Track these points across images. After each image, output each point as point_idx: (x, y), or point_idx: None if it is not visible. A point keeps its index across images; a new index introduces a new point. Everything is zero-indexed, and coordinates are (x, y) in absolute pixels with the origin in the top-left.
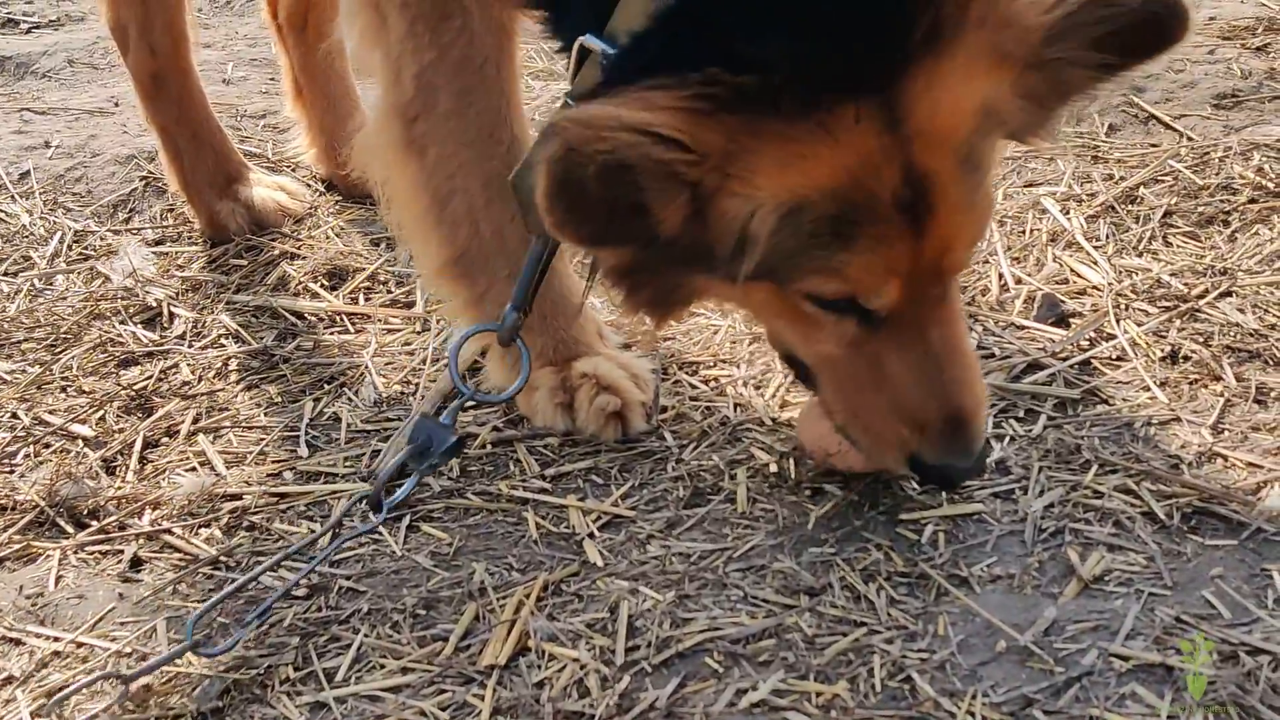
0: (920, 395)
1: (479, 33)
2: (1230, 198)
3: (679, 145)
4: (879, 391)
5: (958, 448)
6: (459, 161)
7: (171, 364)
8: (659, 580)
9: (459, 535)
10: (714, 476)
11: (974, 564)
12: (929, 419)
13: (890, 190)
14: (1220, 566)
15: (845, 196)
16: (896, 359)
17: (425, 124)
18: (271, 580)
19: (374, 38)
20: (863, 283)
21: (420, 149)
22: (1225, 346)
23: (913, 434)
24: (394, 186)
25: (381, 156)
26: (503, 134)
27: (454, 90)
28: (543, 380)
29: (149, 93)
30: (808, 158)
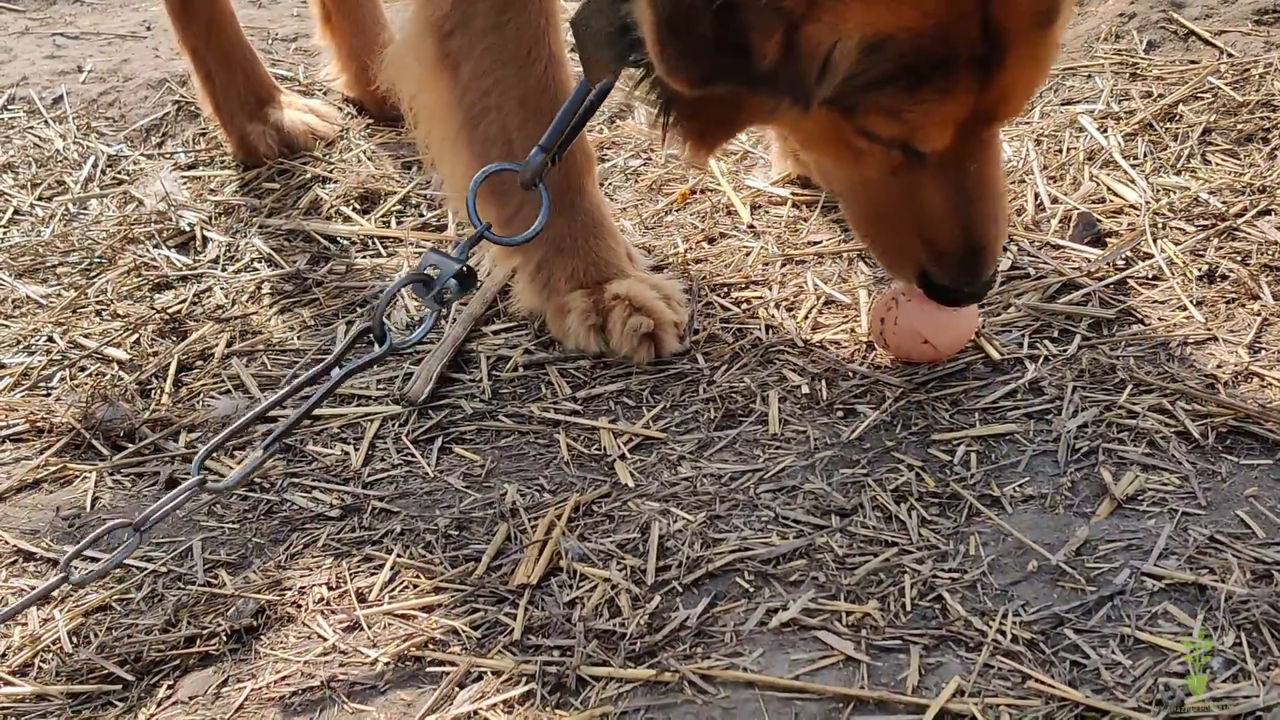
0: (946, 225)
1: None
2: (1270, 115)
3: None
4: (908, 215)
5: (970, 274)
6: (494, 79)
7: (205, 288)
8: (690, 501)
9: (491, 457)
10: (745, 398)
11: (1006, 484)
12: (949, 247)
13: (967, 46)
14: (1255, 486)
15: (924, 45)
16: (932, 189)
17: (461, 39)
18: (304, 500)
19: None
20: (920, 131)
21: (454, 65)
22: (1263, 265)
23: (931, 256)
24: (424, 104)
25: (413, 72)
26: (540, 51)
27: (492, 5)
28: (575, 303)
29: (179, 14)
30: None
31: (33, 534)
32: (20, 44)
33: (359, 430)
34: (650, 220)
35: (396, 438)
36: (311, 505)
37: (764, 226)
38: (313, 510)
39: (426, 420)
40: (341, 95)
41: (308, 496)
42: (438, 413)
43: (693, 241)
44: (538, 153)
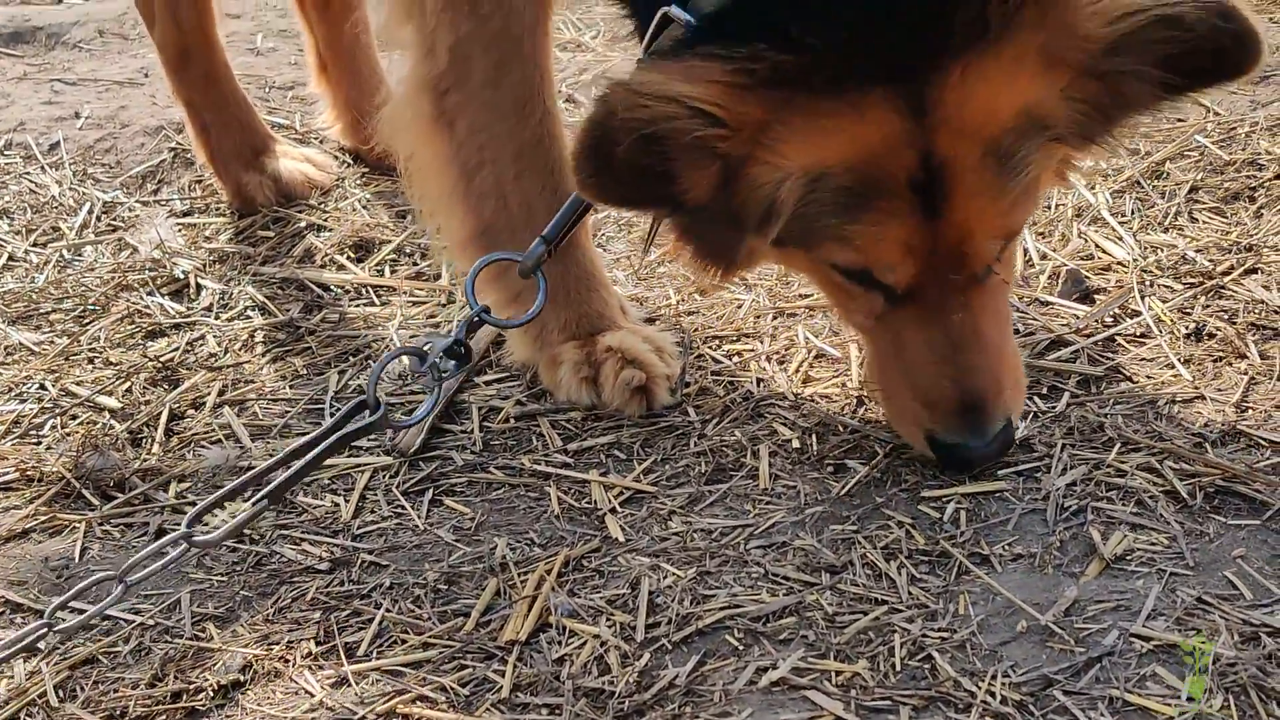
0: (934, 375)
1: (518, 6)
2: (1256, 174)
3: (714, 119)
4: (901, 366)
5: (969, 428)
6: (490, 134)
7: (198, 336)
8: (680, 556)
9: (481, 510)
10: (736, 452)
11: (995, 542)
12: (941, 399)
13: (905, 170)
14: (1243, 547)
15: (861, 170)
16: (914, 337)
17: (458, 96)
18: (293, 553)
19: (406, 11)
20: (873, 254)
21: (450, 122)
22: (1250, 324)
23: (927, 411)
24: (421, 160)
25: (410, 130)
26: (535, 107)
27: (489, 62)
28: (568, 355)
29: (175, 67)
30: (833, 132)
31: (20, 584)
32: (18, 89)
33: (350, 481)
34: (643, 271)
35: (387, 489)
36: (300, 558)
37: (756, 279)
38: (302, 563)
39: (417, 471)
40: (337, 144)
41: (297, 549)
42: (429, 464)
43: (685, 293)
44: (539, 244)
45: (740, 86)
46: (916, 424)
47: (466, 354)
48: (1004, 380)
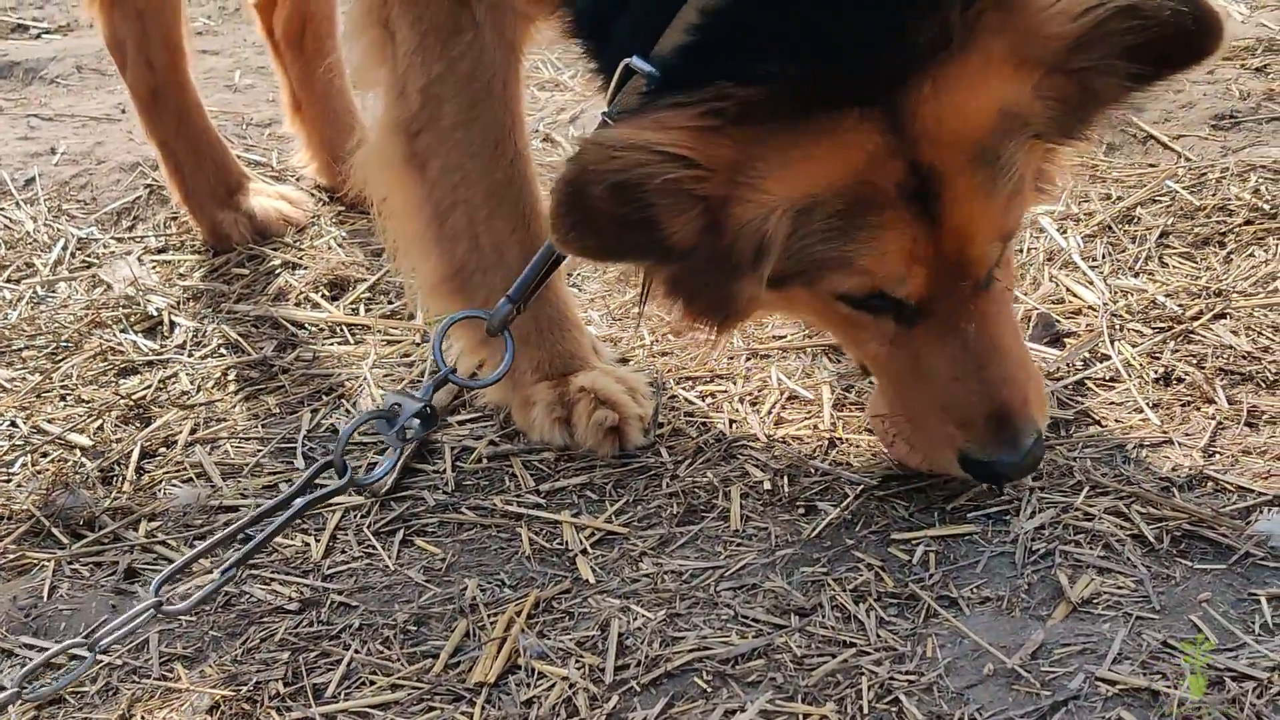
0: (961, 391)
1: (489, 48)
2: (1226, 219)
3: (687, 162)
4: (924, 388)
5: (1003, 442)
6: (462, 174)
7: (171, 373)
8: (650, 598)
9: (452, 550)
10: (708, 494)
11: (964, 585)
12: (972, 415)
13: (893, 180)
14: (1208, 591)
15: (850, 190)
16: (935, 354)
17: (429, 137)
18: (263, 593)
19: (379, 53)
20: (879, 271)
21: (422, 163)
22: (1218, 369)
23: (959, 431)
24: (394, 202)
25: (382, 172)
26: (507, 148)
27: (461, 103)
28: (540, 395)
29: (148, 107)
30: (812, 159)
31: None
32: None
33: (320, 521)
34: (617, 312)
35: (358, 529)
36: (270, 598)
37: None
38: (271, 603)
39: (389, 511)
40: (313, 181)
41: (266, 589)
42: (400, 504)
43: (659, 334)
44: (505, 304)
45: (709, 129)
46: (949, 446)
47: (432, 415)
48: (1029, 389)
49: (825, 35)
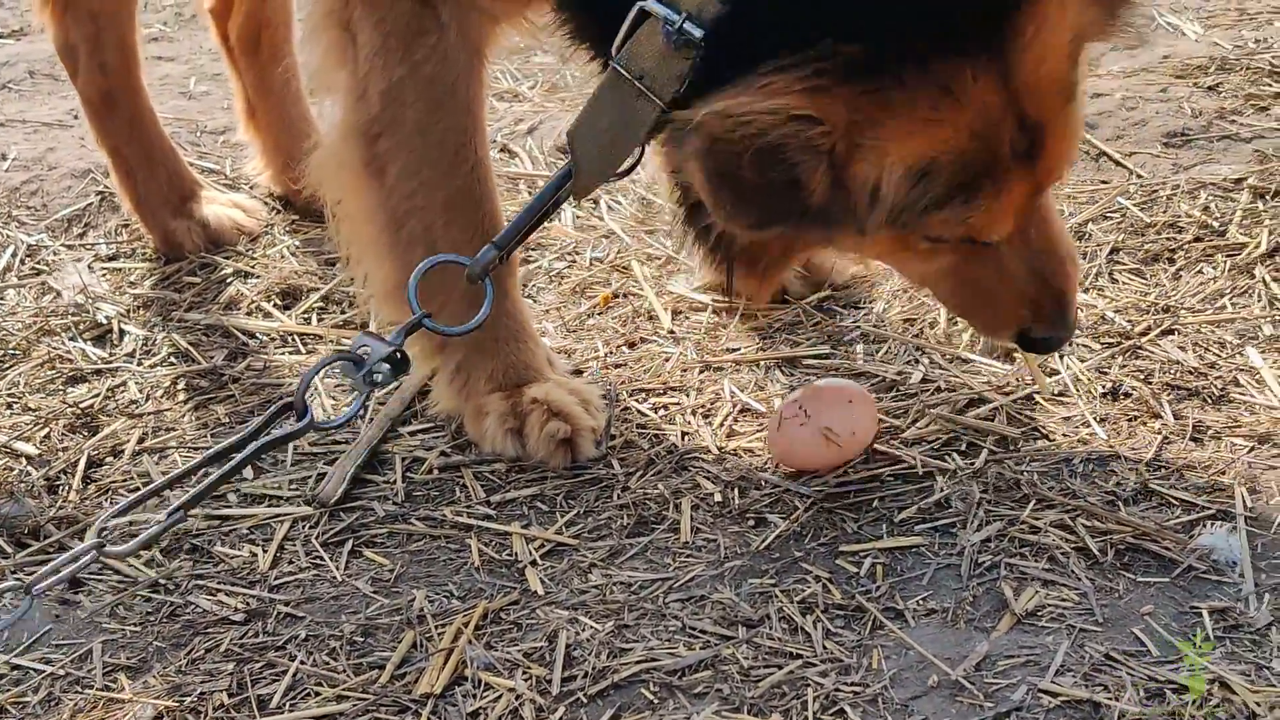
0: (1034, 286)
1: (453, 51)
2: (1176, 236)
3: (812, 119)
4: (995, 289)
5: (1060, 323)
6: (420, 180)
7: (119, 382)
8: (599, 610)
9: (401, 561)
10: (658, 505)
11: (910, 597)
12: (1042, 302)
13: (1007, 140)
14: (1151, 604)
15: (970, 158)
16: (1011, 262)
17: (389, 141)
18: (209, 604)
19: (340, 55)
20: (984, 228)
21: (380, 168)
22: (1165, 384)
23: (1028, 315)
24: (349, 207)
25: (339, 176)
26: (467, 155)
27: (422, 109)
28: (493, 406)
29: (100, 113)
30: (932, 122)
31: None
32: None
33: (269, 532)
34: (572, 323)
35: (306, 540)
36: (216, 608)
37: (684, 332)
38: (217, 614)
39: (338, 522)
40: (267, 190)
41: (213, 599)
42: (349, 515)
43: (613, 346)
44: (490, 249)
45: (820, 89)
46: (1013, 326)
47: (403, 361)
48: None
49: None
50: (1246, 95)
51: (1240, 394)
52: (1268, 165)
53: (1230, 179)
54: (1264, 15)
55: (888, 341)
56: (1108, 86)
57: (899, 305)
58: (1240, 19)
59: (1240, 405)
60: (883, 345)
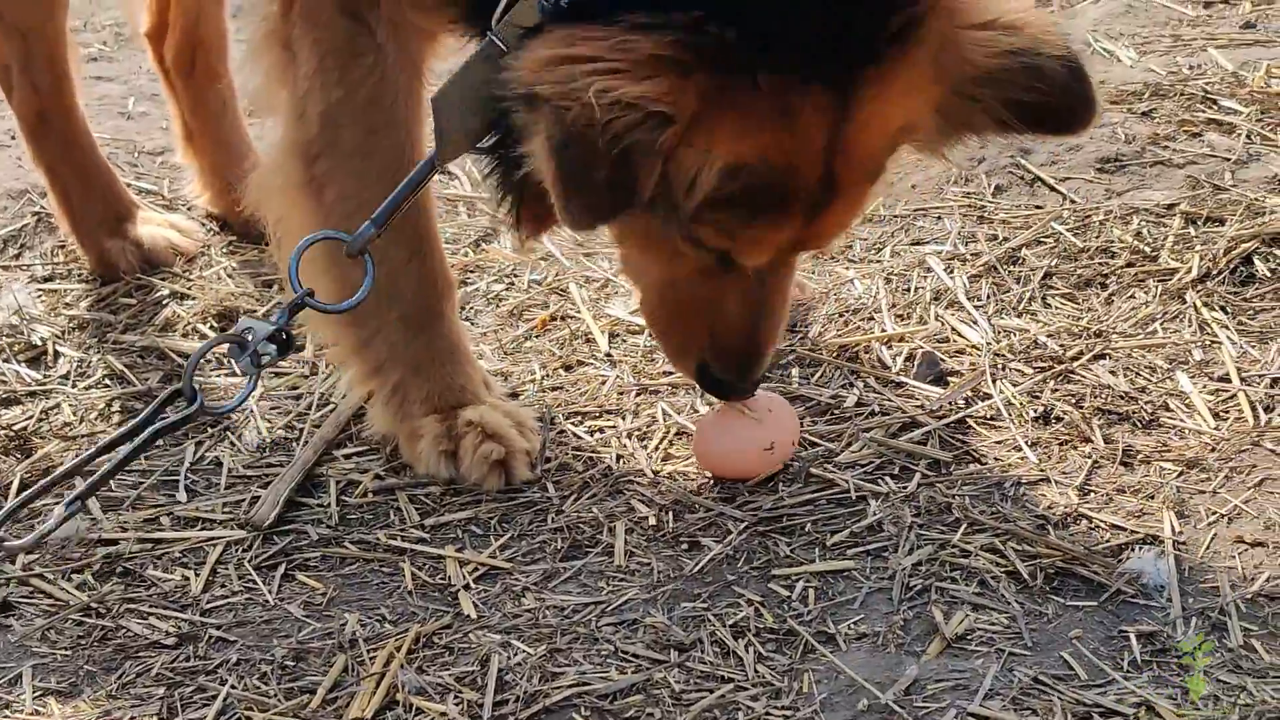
0: (737, 327)
1: (390, 71)
2: (1109, 261)
3: (665, 119)
4: (704, 313)
5: (744, 373)
6: (359, 200)
7: (53, 404)
8: (531, 634)
9: (333, 585)
10: (593, 529)
11: (841, 621)
12: (734, 347)
13: (807, 189)
14: (1079, 628)
15: (775, 177)
16: (732, 295)
17: (327, 162)
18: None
19: (280, 75)
20: (744, 249)
21: (319, 187)
22: (1096, 408)
23: (715, 353)
24: (289, 226)
25: (278, 196)
26: (406, 173)
27: (360, 128)
28: (428, 428)
29: (35, 132)
30: (763, 132)
31: None
32: None
33: (201, 555)
34: (510, 346)
35: (239, 563)
36: (147, 632)
37: (621, 355)
38: (148, 638)
39: (271, 545)
40: (205, 211)
41: (144, 623)
42: (283, 538)
43: (550, 368)
44: (368, 226)
45: (681, 65)
46: (695, 359)
47: (289, 341)
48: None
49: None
50: (1180, 121)
51: (1170, 419)
52: (1199, 191)
53: (1162, 205)
54: (1198, 42)
55: (822, 365)
56: None
57: (834, 329)
58: (1174, 45)
59: (1170, 430)
60: (817, 369)
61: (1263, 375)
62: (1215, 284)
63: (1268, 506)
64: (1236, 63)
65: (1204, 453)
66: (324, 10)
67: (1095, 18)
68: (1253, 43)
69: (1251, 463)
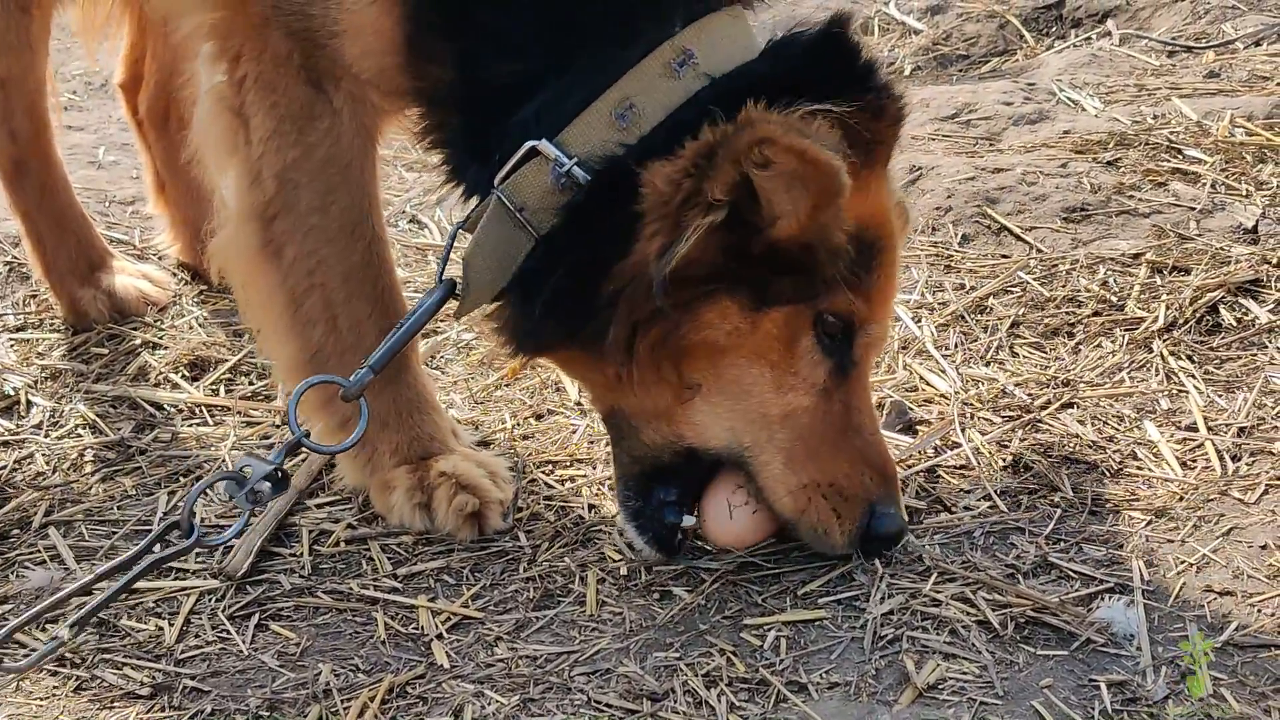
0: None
1: (346, 134)
2: (1075, 310)
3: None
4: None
5: (893, 499)
6: (318, 259)
7: (27, 454)
8: (504, 683)
9: (307, 635)
10: (565, 578)
11: (813, 670)
12: (886, 469)
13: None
14: (1050, 677)
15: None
16: (860, 403)
17: (285, 223)
18: (115, 678)
19: (232, 141)
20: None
21: (277, 249)
22: (1064, 457)
23: (877, 484)
24: (251, 289)
25: (238, 260)
26: (364, 231)
27: (317, 189)
28: (400, 480)
29: (11, 179)
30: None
31: None
32: None
33: (175, 605)
34: (480, 395)
35: (213, 613)
36: (121, 682)
37: (591, 404)
38: (123, 688)
39: (244, 595)
40: (176, 260)
41: (118, 674)
42: (256, 588)
43: (520, 417)
44: (367, 372)
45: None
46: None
47: (284, 479)
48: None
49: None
50: (1145, 171)
51: (1138, 468)
52: (1165, 240)
53: (1129, 254)
54: (1162, 91)
55: None
56: (1008, 162)
57: None
58: (1139, 95)
59: (1138, 479)
60: None
61: (1229, 424)
62: (1181, 333)
63: (1236, 555)
64: (1201, 112)
65: (1172, 502)
66: (283, 78)
67: (1059, 67)
68: (1216, 92)
69: (1219, 511)
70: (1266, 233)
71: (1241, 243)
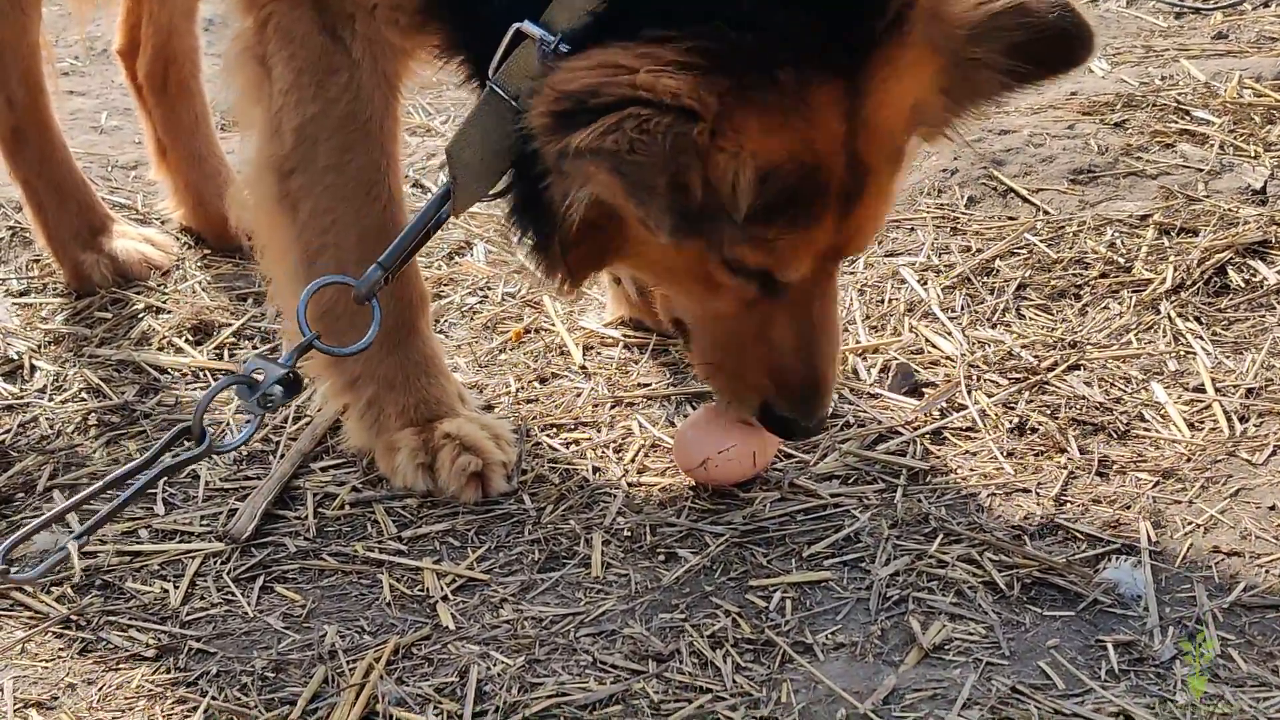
0: (794, 359)
1: (366, 88)
2: (1082, 272)
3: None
4: (757, 348)
5: (810, 409)
6: (333, 217)
7: (30, 418)
8: (510, 645)
9: (312, 597)
10: (570, 540)
11: (819, 631)
12: (792, 379)
13: (838, 173)
14: (1057, 637)
15: (806, 173)
16: (783, 324)
17: (301, 178)
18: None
19: (256, 91)
20: (785, 260)
21: (294, 203)
22: (1071, 419)
23: (774, 387)
24: (264, 241)
25: (254, 211)
26: (380, 190)
27: (335, 145)
28: (404, 441)
29: (10, 146)
30: (786, 128)
31: None
32: None
33: (180, 567)
34: (484, 358)
35: (218, 576)
36: (127, 644)
37: (595, 368)
38: (128, 650)
39: (249, 558)
40: (179, 226)
41: (124, 635)
42: (261, 550)
43: (525, 381)
44: (376, 269)
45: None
46: (757, 397)
47: (296, 382)
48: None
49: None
50: (1152, 132)
51: (1145, 429)
52: (1172, 202)
53: (1136, 215)
54: (1170, 53)
55: None
56: (1015, 123)
57: None
58: (1146, 56)
59: (1145, 440)
60: None
61: (1237, 385)
62: (1189, 295)
63: (1244, 516)
64: (1209, 73)
65: (1180, 463)
66: (300, 27)
67: None
68: (1225, 53)
69: (1227, 472)
70: (1275, 194)
71: (1250, 204)
